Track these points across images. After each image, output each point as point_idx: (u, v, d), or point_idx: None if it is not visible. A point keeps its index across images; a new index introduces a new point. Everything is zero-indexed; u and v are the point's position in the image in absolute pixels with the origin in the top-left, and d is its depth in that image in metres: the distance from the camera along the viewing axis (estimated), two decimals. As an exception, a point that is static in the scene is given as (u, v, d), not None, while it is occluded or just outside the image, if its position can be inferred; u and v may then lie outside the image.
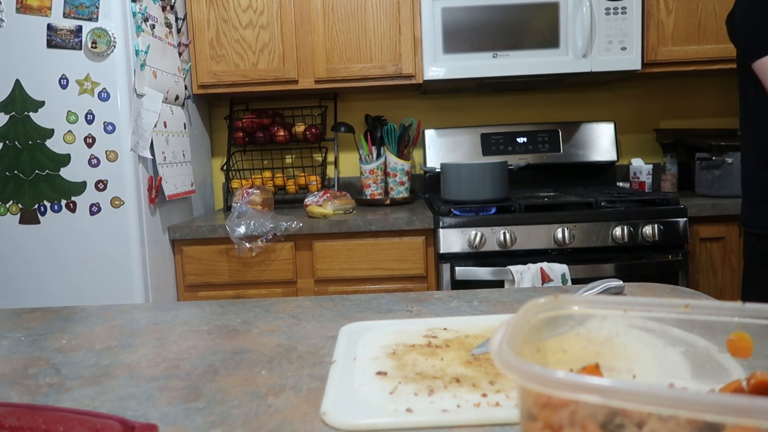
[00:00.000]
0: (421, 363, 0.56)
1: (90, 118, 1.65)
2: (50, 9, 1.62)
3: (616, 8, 2.00)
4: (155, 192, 1.78)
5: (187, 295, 1.94)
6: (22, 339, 0.71)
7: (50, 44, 1.63)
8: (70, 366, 0.60)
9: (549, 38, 2.01)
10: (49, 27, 1.63)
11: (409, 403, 0.48)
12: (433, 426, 0.45)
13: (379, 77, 2.13)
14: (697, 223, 1.86)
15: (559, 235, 1.77)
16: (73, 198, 1.67)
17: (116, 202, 1.68)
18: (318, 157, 2.48)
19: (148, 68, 1.77)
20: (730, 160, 2.02)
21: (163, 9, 1.92)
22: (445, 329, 0.66)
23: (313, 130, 2.33)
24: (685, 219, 1.79)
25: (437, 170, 2.13)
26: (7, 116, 1.66)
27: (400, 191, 2.31)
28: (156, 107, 1.77)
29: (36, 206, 1.68)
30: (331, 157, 2.51)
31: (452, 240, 1.79)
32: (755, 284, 1.30)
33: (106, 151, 1.66)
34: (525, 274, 1.70)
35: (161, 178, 1.80)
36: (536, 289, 0.86)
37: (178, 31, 2.06)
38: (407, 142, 2.32)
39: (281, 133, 2.33)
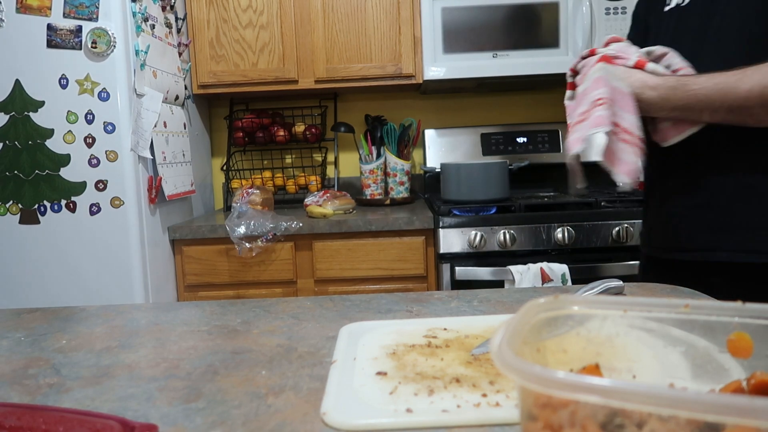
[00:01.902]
0: (421, 363, 0.56)
1: (90, 118, 1.65)
2: (50, 9, 1.62)
3: (616, 8, 2.00)
4: (155, 192, 1.78)
5: (187, 295, 1.94)
6: (22, 339, 0.71)
7: (50, 44, 1.63)
8: (70, 366, 0.60)
9: (549, 38, 2.01)
10: (49, 27, 1.63)
11: (409, 403, 0.48)
12: (433, 426, 0.45)
13: (379, 77, 2.13)
14: (697, 223, 1.86)
15: (559, 235, 1.77)
16: (73, 198, 1.67)
17: (116, 202, 1.68)
18: (318, 157, 2.48)
19: (148, 68, 1.77)
20: (730, 160, 2.01)
21: (163, 9, 1.92)
22: (445, 329, 0.66)
23: (313, 130, 2.33)
24: (685, 219, 1.79)
25: (437, 170, 2.13)
26: (7, 116, 1.66)
27: (400, 191, 2.31)
28: (156, 107, 1.77)
29: (36, 206, 1.68)
30: (331, 157, 2.51)
31: (452, 240, 1.79)
32: None
33: (106, 151, 1.66)
34: (525, 274, 1.70)
35: (161, 178, 1.80)
36: (536, 289, 0.86)
37: (178, 31, 2.06)
38: (407, 142, 2.32)
39: (281, 133, 2.33)
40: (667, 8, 1.05)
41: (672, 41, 1.00)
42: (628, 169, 0.87)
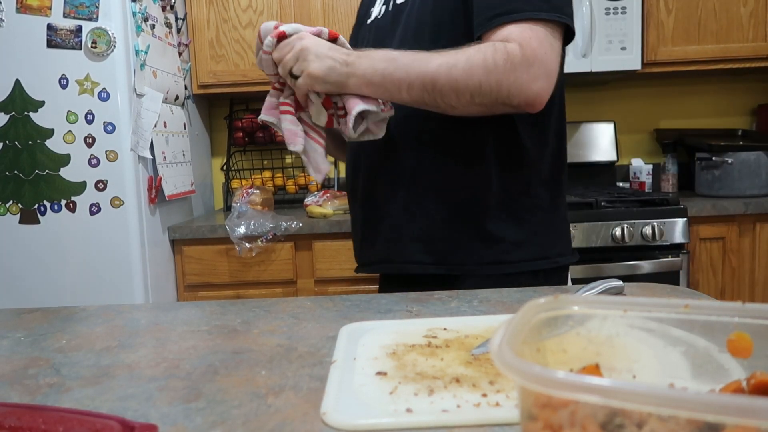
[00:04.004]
0: (421, 363, 0.56)
1: (90, 118, 1.65)
2: (50, 9, 1.62)
3: (615, 8, 1.99)
4: (155, 192, 1.77)
5: (187, 295, 1.94)
6: (22, 339, 0.71)
7: (50, 44, 1.63)
8: (70, 366, 0.60)
9: (549, 38, 2.01)
10: (49, 27, 1.62)
11: (409, 403, 0.48)
12: (433, 426, 0.45)
13: (379, 77, 2.13)
14: (697, 223, 1.86)
15: (559, 235, 1.77)
16: (73, 198, 1.67)
17: (116, 202, 1.68)
18: (318, 157, 2.48)
19: (148, 68, 1.77)
20: (730, 160, 2.02)
21: (163, 9, 1.92)
22: (445, 329, 0.66)
23: (313, 130, 2.33)
24: (685, 219, 1.79)
25: (437, 170, 2.13)
26: (7, 116, 1.66)
27: (400, 191, 2.30)
28: (156, 107, 1.77)
29: (36, 206, 1.68)
30: (331, 157, 2.51)
31: (452, 240, 1.79)
32: None
33: (106, 151, 1.66)
34: (525, 274, 1.69)
35: (161, 178, 1.80)
36: (536, 289, 0.86)
37: (178, 31, 2.06)
38: (407, 142, 2.31)
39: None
40: (368, 21, 1.11)
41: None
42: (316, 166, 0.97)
